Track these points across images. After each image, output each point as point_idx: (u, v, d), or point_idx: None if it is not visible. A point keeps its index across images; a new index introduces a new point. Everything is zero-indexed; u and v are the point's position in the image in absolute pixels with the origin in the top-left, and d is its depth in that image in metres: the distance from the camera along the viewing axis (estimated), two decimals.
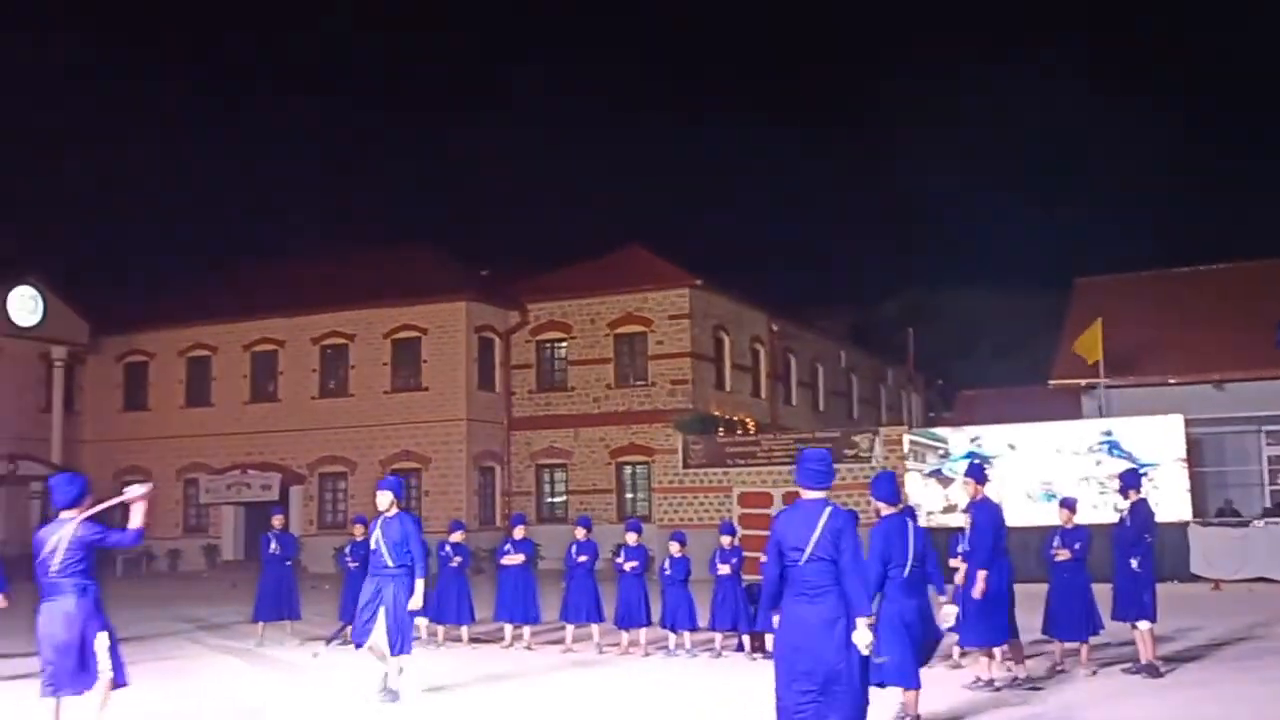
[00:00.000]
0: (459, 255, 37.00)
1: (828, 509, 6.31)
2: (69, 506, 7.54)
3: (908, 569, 8.07)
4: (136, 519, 7.47)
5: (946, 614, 8.43)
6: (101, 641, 7.60)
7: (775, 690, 6.27)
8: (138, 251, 36.17)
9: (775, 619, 6.46)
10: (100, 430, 36.86)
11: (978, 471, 10.17)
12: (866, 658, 6.24)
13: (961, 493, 16.01)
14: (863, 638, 6.10)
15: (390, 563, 9.80)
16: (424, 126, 72.05)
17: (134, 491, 7.51)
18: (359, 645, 9.99)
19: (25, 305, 34.59)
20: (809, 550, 6.19)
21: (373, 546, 9.98)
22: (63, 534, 7.45)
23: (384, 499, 10.03)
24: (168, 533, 34.83)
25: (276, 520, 15.77)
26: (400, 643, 9.70)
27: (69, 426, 35.95)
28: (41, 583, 7.40)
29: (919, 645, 8.11)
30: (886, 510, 8.25)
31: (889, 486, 8.36)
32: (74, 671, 7.52)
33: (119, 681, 7.70)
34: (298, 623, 15.18)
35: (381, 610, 9.70)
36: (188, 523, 35.26)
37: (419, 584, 9.81)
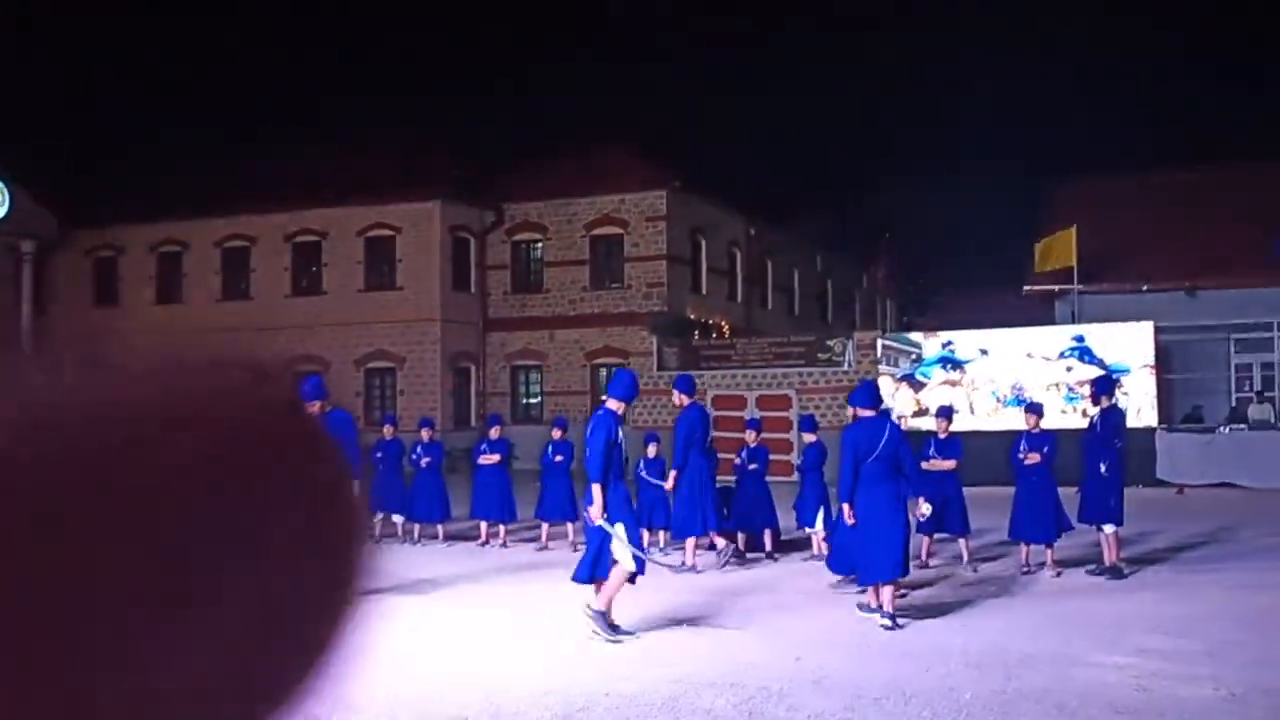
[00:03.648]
0: (434, 149, 36.32)
1: (887, 422, 8.95)
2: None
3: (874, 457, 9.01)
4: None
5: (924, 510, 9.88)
6: None
7: (860, 551, 8.70)
8: (105, 143, 35.34)
9: (847, 509, 8.72)
10: (71, 326, 36.55)
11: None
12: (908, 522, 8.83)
13: (935, 396, 16.04)
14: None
15: None
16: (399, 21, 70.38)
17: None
18: None
19: None
20: (878, 451, 8.56)
21: None
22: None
23: (313, 407, 10.06)
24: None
25: None
26: None
27: (39, 322, 35.63)
28: None
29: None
30: (864, 413, 9.07)
31: (867, 393, 9.40)
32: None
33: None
34: None
35: None
36: None
37: (354, 483, 9.54)
